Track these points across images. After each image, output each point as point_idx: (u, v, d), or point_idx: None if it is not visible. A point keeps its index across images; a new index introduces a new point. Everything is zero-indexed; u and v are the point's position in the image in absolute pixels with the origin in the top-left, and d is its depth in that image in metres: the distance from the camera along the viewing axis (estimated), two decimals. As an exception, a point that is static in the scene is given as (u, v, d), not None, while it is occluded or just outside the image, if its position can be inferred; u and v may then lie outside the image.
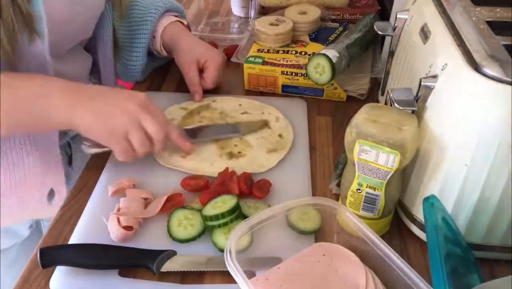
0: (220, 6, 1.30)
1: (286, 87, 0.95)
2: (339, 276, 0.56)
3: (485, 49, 0.54)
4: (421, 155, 0.61)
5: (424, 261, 0.63)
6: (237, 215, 0.64)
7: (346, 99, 0.94)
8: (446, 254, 0.49)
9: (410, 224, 0.66)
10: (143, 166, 0.76)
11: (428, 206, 0.54)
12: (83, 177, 0.77)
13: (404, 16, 0.76)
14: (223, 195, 0.66)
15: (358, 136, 0.59)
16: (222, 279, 0.60)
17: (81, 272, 0.60)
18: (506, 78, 0.51)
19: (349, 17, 1.12)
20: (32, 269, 0.62)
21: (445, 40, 0.60)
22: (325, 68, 0.84)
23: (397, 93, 0.62)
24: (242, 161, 0.77)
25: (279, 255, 0.61)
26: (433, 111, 0.59)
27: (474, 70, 0.53)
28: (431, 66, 0.61)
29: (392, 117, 0.59)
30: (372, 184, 0.61)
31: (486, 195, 0.57)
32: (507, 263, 0.62)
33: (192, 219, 0.66)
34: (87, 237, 0.65)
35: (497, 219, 0.58)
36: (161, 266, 0.60)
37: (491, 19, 0.60)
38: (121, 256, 0.62)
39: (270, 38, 0.98)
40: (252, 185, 0.72)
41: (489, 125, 0.52)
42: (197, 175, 0.74)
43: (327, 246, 0.60)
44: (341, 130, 0.85)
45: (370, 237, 0.56)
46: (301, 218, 0.65)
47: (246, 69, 0.94)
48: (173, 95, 0.94)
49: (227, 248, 0.52)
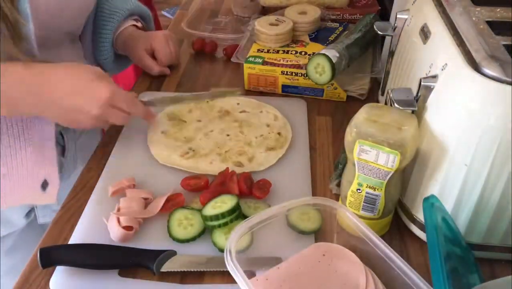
0: (220, 6, 1.30)
1: (286, 87, 0.95)
2: (339, 276, 0.56)
3: (485, 49, 0.54)
4: (421, 155, 0.61)
5: (424, 261, 0.63)
6: (237, 215, 0.64)
7: (346, 99, 0.94)
8: (446, 254, 0.49)
9: (410, 224, 0.66)
10: (143, 166, 0.77)
11: (428, 206, 0.54)
12: (83, 177, 0.77)
13: (404, 16, 0.76)
14: (223, 195, 0.66)
15: (358, 136, 0.59)
16: (222, 279, 0.60)
17: (81, 272, 0.60)
18: (506, 78, 0.51)
19: (349, 17, 1.12)
20: (32, 269, 0.62)
21: (445, 40, 0.60)
22: (325, 68, 0.84)
23: (397, 93, 0.62)
24: (241, 158, 0.77)
25: (279, 255, 0.61)
26: (433, 111, 0.59)
27: (474, 70, 0.53)
28: (431, 66, 0.61)
29: (392, 117, 0.59)
30: (372, 184, 0.61)
31: (486, 195, 0.57)
32: (507, 263, 0.62)
33: (192, 219, 0.66)
34: (87, 237, 0.65)
35: (497, 219, 0.58)
36: (161, 266, 0.60)
37: (491, 19, 0.60)
38: (121, 256, 0.62)
39: (270, 38, 0.98)
40: (252, 185, 0.72)
41: (489, 125, 0.52)
42: (197, 175, 0.74)
43: (327, 246, 0.60)
44: (341, 130, 0.85)
45: (370, 237, 0.56)
46: (301, 218, 0.65)
47: (246, 69, 0.95)
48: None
49: (227, 248, 0.52)
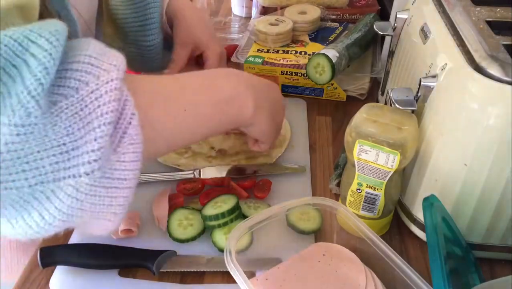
0: (221, 6, 1.30)
1: (286, 87, 0.95)
2: (339, 276, 0.56)
3: (485, 49, 0.54)
4: (421, 155, 0.61)
5: (424, 261, 0.63)
6: (237, 215, 0.64)
7: (346, 99, 0.94)
8: (446, 254, 0.49)
9: (410, 224, 0.66)
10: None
11: (428, 206, 0.54)
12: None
13: (404, 16, 0.76)
14: (223, 195, 0.66)
15: (358, 136, 0.59)
16: (222, 279, 0.60)
17: (81, 272, 0.60)
18: (506, 78, 0.51)
19: (349, 17, 1.12)
20: (32, 269, 0.62)
21: (445, 40, 0.60)
22: (325, 68, 0.84)
23: (397, 93, 0.62)
24: (241, 157, 0.77)
25: (279, 255, 0.61)
26: (433, 111, 0.59)
27: (474, 70, 0.53)
28: (431, 66, 0.61)
29: (392, 117, 0.59)
30: (372, 184, 0.61)
31: (486, 195, 0.57)
32: (507, 263, 0.62)
33: (192, 219, 0.66)
34: (87, 237, 0.65)
35: (497, 219, 0.58)
36: (161, 266, 0.60)
37: (491, 19, 0.60)
38: (121, 256, 0.62)
39: (270, 38, 0.98)
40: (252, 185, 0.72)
41: (489, 125, 0.52)
42: (192, 178, 0.73)
43: (327, 246, 0.60)
44: (341, 130, 0.85)
45: (370, 237, 0.56)
46: (301, 218, 0.65)
47: (246, 69, 0.95)
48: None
49: (227, 248, 0.53)
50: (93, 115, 0.40)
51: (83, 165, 0.40)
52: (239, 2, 1.23)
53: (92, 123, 0.40)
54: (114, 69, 0.42)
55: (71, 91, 0.40)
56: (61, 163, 0.39)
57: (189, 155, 0.78)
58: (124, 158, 0.43)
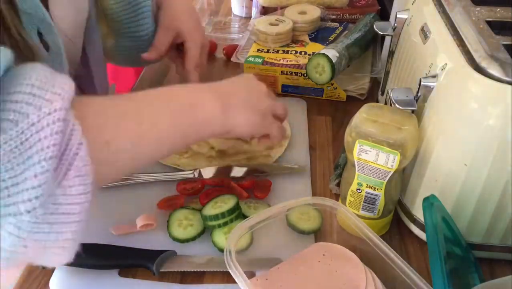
0: (221, 6, 1.30)
1: (286, 87, 0.95)
2: (339, 276, 0.56)
3: (485, 49, 0.54)
4: (421, 155, 0.61)
5: (424, 261, 0.63)
6: (237, 215, 0.64)
7: (346, 99, 0.93)
8: (446, 254, 0.49)
9: (410, 224, 0.66)
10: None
11: (428, 206, 0.54)
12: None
13: (404, 16, 0.76)
14: (223, 195, 0.66)
15: (358, 136, 0.59)
16: (222, 279, 0.60)
17: (81, 272, 0.60)
18: (506, 78, 0.51)
19: (349, 17, 1.12)
20: (32, 269, 0.62)
21: (445, 40, 0.60)
22: (325, 68, 0.84)
23: (397, 93, 0.62)
24: (241, 157, 0.77)
25: (279, 255, 0.61)
26: (433, 111, 0.59)
27: (474, 70, 0.53)
28: (431, 66, 0.61)
29: (392, 117, 0.59)
30: (372, 184, 0.61)
31: (486, 195, 0.56)
32: (507, 263, 0.62)
33: (192, 219, 0.65)
34: (87, 237, 0.65)
35: (497, 219, 0.58)
36: (161, 266, 0.60)
37: (491, 19, 0.60)
38: (121, 256, 0.62)
39: (270, 38, 0.98)
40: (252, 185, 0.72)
41: (489, 125, 0.52)
42: (192, 178, 0.73)
43: (327, 246, 0.60)
44: (341, 130, 0.85)
45: (370, 237, 0.56)
46: (301, 218, 0.65)
47: (246, 69, 0.94)
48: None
49: (227, 248, 0.53)
50: (33, 150, 0.37)
51: (23, 202, 0.37)
52: (239, 2, 1.23)
53: (32, 159, 0.37)
54: (58, 98, 0.39)
55: (10, 124, 0.37)
56: (1, 200, 0.37)
57: (189, 155, 0.78)
58: (71, 191, 0.40)
